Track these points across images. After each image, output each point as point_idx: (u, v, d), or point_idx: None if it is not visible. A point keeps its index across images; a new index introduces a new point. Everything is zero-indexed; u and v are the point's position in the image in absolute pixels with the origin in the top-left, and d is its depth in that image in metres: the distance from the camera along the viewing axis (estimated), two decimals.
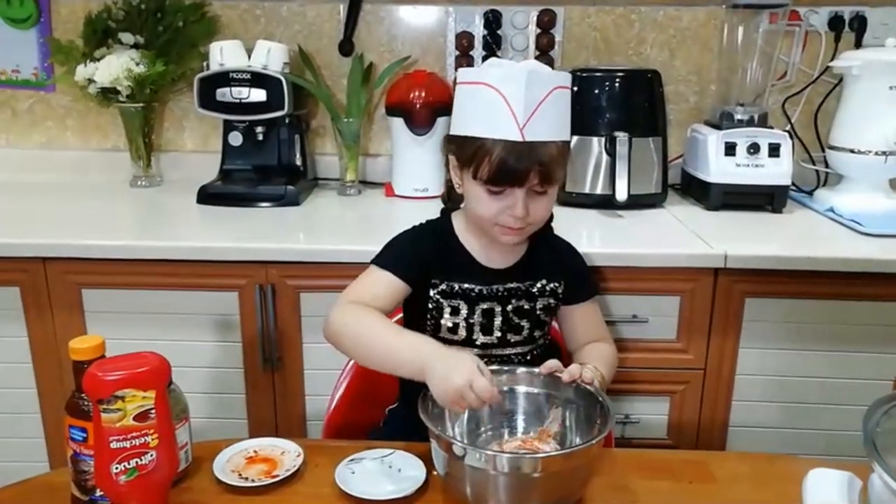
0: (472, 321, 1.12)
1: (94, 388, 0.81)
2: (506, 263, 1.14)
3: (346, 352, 1.05)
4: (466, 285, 1.12)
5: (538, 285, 1.14)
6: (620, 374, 1.47)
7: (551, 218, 1.21)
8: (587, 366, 1.03)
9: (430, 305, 1.13)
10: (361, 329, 1.02)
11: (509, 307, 1.13)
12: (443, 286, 1.12)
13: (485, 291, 1.12)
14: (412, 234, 1.16)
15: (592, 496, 0.93)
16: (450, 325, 1.13)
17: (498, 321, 1.13)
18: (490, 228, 1.08)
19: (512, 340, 1.14)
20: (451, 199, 1.20)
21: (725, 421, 1.53)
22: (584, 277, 1.21)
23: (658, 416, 1.54)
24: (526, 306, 1.14)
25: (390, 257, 1.12)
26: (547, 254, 1.17)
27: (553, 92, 1.02)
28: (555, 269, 1.16)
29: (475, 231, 1.13)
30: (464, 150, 1.05)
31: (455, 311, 1.12)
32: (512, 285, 1.13)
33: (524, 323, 1.14)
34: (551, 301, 1.16)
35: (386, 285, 1.10)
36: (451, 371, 0.90)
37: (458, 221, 1.16)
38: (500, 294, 1.12)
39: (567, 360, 1.14)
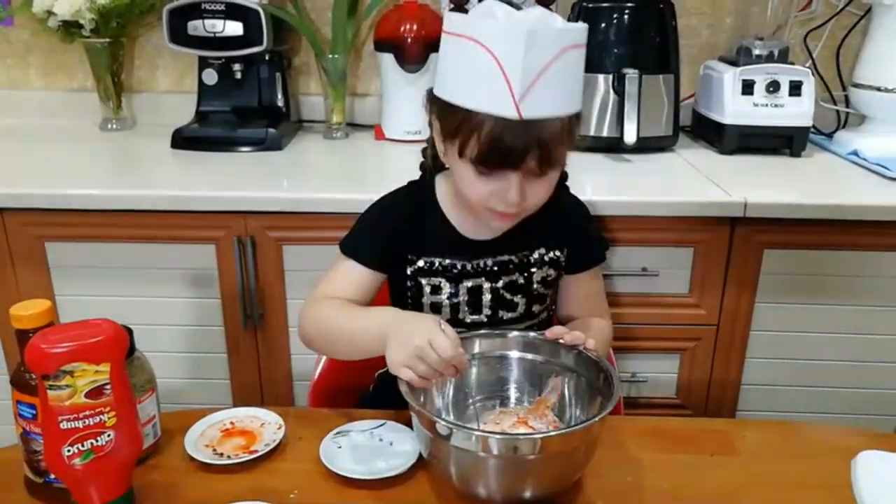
0: (456, 300, 1.00)
1: (37, 361, 0.71)
2: (495, 233, 0.99)
3: (322, 353, 0.96)
4: (447, 261, 0.99)
5: (535, 256, 1.01)
6: (628, 330, 1.40)
7: (565, 177, 1.06)
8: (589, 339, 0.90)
9: (408, 283, 1.01)
10: (323, 325, 0.93)
11: (500, 283, 1.00)
12: (420, 262, 0.99)
13: (469, 267, 0.99)
14: (382, 205, 1.03)
15: (603, 472, 0.84)
16: (431, 304, 1.01)
17: (487, 298, 1.01)
18: (479, 212, 0.93)
19: (504, 318, 1.02)
20: (436, 167, 1.03)
21: (738, 380, 1.45)
22: (589, 242, 1.07)
23: (667, 374, 1.46)
24: (520, 281, 1.01)
25: (355, 242, 1.00)
26: (547, 214, 0.97)
27: (562, 55, 0.81)
28: (556, 234, 1.02)
29: (462, 199, 0.98)
30: (448, 120, 0.88)
31: (436, 290, 1.00)
32: (502, 258, 1.00)
33: (518, 299, 1.02)
34: (550, 272, 1.02)
35: (354, 277, 0.98)
36: (410, 332, 0.79)
37: (441, 186, 1.02)
38: (487, 269, 1.00)
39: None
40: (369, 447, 0.88)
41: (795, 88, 1.58)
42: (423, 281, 1.00)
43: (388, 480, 0.82)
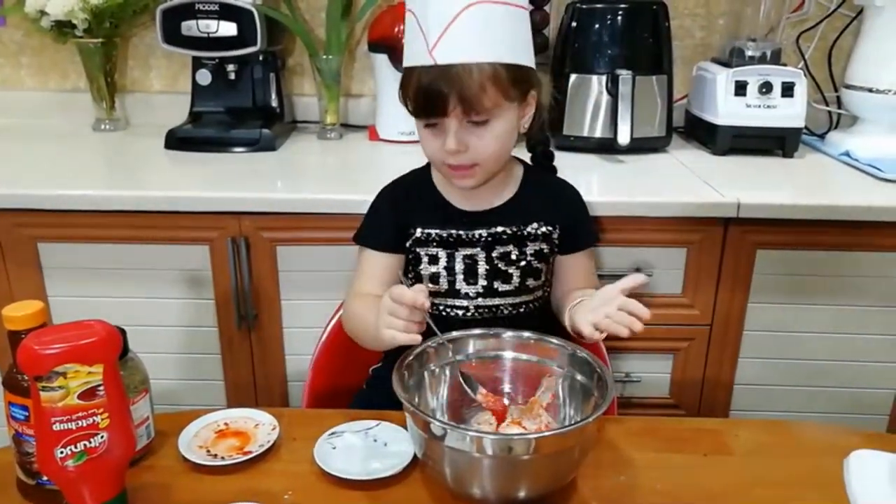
0: (453, 271, 1.04)
1: (29, 363, 0.70)
2: (489, 205, 1.05)
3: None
4: (444, 231, 1.04)
5: (528, 229, 1.05)
6: None
7: (552, 157, 1.13)
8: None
9: (409, 256, 1.05)
10: (353, 323, 1.03)
11: (494, 253, 1.04)
12: (418, 234, 1.04)
13: (464, 236, 1.04)
14: (382, 193, 1.10)
15: (595, 472, 0.85)
16: (428, 274, 1.05)
17: (482, 268, 1.04)
18: (441, 169, 1.00)
19: (500, 290, 1.05)
20: None
21: (731, 379, 1.46)
22: (582, 224, 1.11)
23: (660, 374, 1.46)
24: (514, 253, 1.05)
25: (366, 231, 1.07)
26: (541, 194, 1.07)
27: (470, 7, 0.89)
28: (550, 211, 1.07)
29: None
30: (401, 89, 0.98)
31: (434, 260, 1.05)
32: (496, 230, 1.04)
33: (512, 270, 1.05)
34: (544, 247, 1.06)
35: (374, 264, 1.05)
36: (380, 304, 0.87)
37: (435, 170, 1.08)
38: (482, 239, 1.04)
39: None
40: (364, 448, 0.88)
41: (788, 89, 1.59)
42: (421, 251, 1.05)
43: (383, 481, 0.82)
